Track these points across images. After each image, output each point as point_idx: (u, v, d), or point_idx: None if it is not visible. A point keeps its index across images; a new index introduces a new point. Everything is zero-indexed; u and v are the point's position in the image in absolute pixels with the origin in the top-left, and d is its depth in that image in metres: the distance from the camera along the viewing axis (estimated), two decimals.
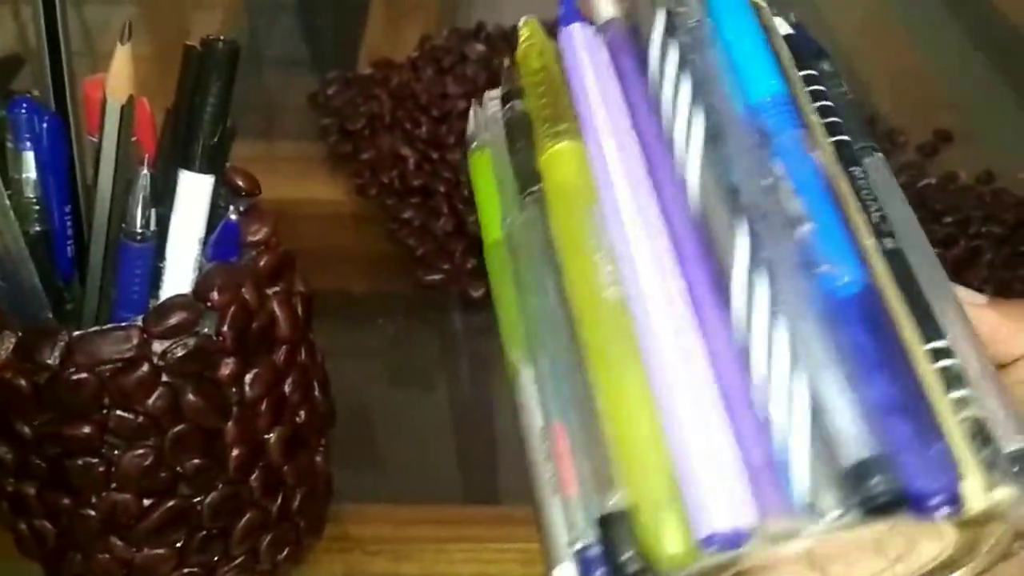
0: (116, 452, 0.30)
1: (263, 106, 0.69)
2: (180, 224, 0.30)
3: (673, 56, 0.21)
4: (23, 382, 0.28)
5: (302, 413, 0.34)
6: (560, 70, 0.23)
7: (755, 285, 0.17)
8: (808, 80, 0.23)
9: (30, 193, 0.31)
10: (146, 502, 0.31)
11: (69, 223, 0.32)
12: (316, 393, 0.35)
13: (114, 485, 0.30)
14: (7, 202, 0.28)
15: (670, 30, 0.21)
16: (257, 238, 0.32)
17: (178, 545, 0.32)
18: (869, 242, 0.19)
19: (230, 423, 0.31)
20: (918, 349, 0.18)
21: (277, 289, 0.32)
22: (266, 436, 0.33)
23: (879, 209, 0.20)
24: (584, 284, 0.19)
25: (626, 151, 0.20)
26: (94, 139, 0.31)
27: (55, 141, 0.31)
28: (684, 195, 0.19)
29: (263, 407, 0.32)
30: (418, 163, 0.57)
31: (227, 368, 0.30)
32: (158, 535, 0.31)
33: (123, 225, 0.30)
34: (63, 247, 0.32)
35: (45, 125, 0.31)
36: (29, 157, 0.31)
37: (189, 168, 0.30)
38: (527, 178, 0.22)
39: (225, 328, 0.29)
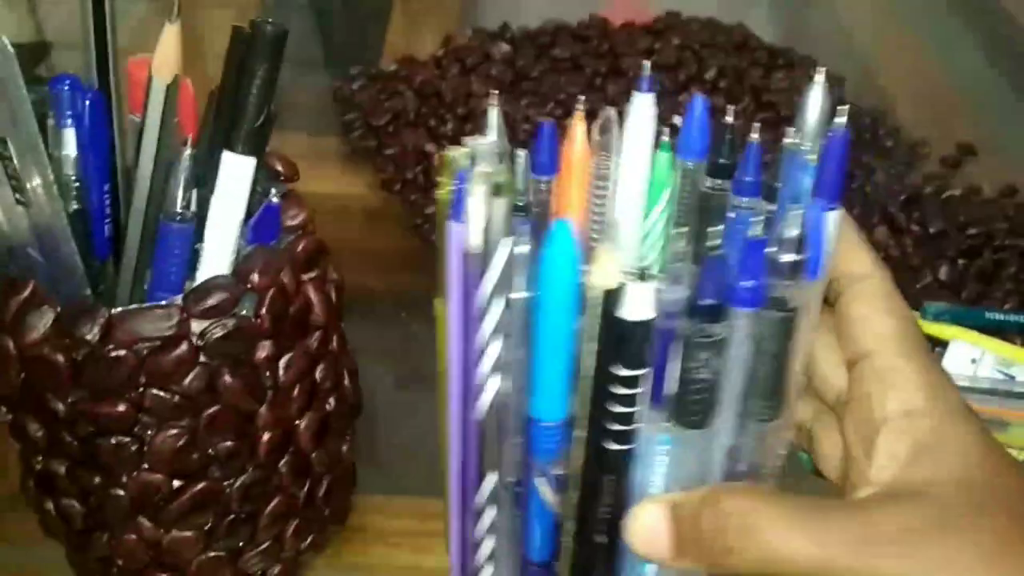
0: (149, 432, 0.30)
1: (283, 102, 0.69)
2: (221, 206, 0.30)
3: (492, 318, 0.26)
4: (60, 358, 0.28)
5: (332, 401, 0.34)
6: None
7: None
8: None
9: (69, 171, 0.31)
10: (176, 483, 0.31)
11: (107, 203, 0.32)
12: (346, 382, 0.35)
13: (146, 465, 0.30)
14: (51, 177, 0.28)
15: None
16: (295, 223, 0.32)
17: (205, 528, 0.32)
18: None
19: (263, 407, 0.31)
20: None
21: (313, 275, 0.32)
22: (297, 422, 0.33)
23: None
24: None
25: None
26: (136, 119, 0.32)
27: (97, 119, 0.31)
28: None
29: (296, 393, 0.32)
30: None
31: (263, 351, 0.30)
32: (187, 517, 0.31)
33: (163, 205, 0.30)
34: (100, 227, 0.32)
35: (88, 103, 0.31)
36: (70, 134, 0.31)
37: (232, 150, 0.29)
38: None
39: (263, 311, 0.29)
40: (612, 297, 0.25)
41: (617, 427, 0.26)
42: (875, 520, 0.23)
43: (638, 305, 0.24)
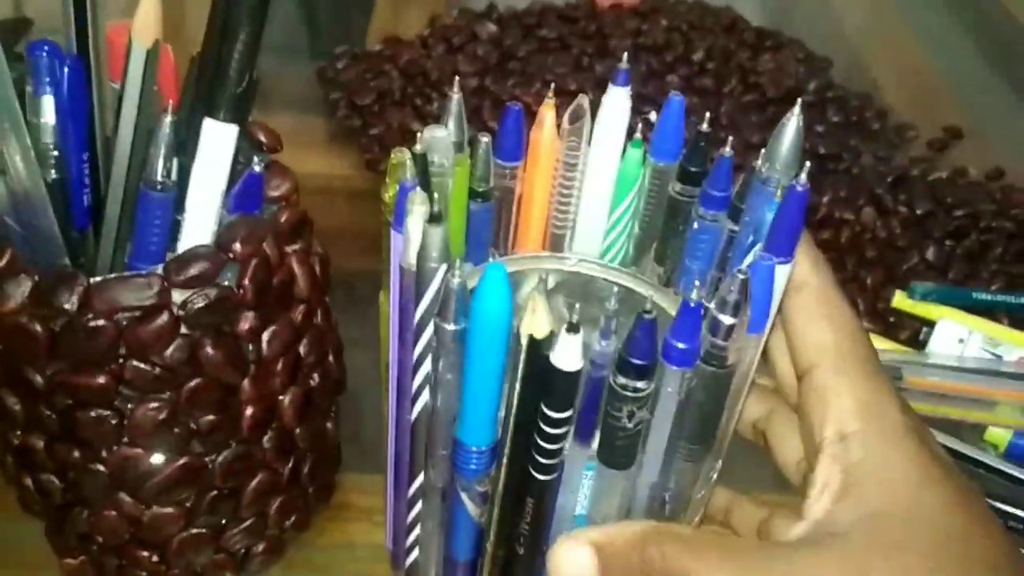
0: (130, 405, 0.29)
1: (268, 83, 0.68)
2: (202, 174, 0.29)
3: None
4: (38, 327, 0.27)
5: (315, 376, 0.34)
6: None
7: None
8: None
9: (48, 139, 0.30)
10: (158, 459, 0.30)
11: (87, 172, 0.31)
12: (330, 358, 0.35)
13: (126, 439, 0.30)
14: (28, 143, 0.27)
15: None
16: (278, 193, 0.31)
17: (187, 504, 0.32)
18: None
19: (246, 381, 0.30)
20: None
21: (296, 247, 0.32)
22: (280, 397, 0.32)
23: None
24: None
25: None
26: (115, 86, 0.31)
27: (76, 86, 0.30)
28: None
29: (279, 367, 0.31)
30: None
31: (246, 322, 0.29)
32: (168, 493, 0.31)
33: (144, 174, 0.29)
34: (79, 197, 0.31)
35: (67, 69, 0.30)
36: (48, 102, 0.30)
37: (214, 117, 0.29)
38: None
39: (246, 281, 0.29)
40: (541, 343, 0.24)
41: (542, 460, 0.26)
42: (796, 571, 0.23)
43: (568, 354, 0.24)
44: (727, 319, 0.25)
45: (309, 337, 0.33)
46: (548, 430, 0.26)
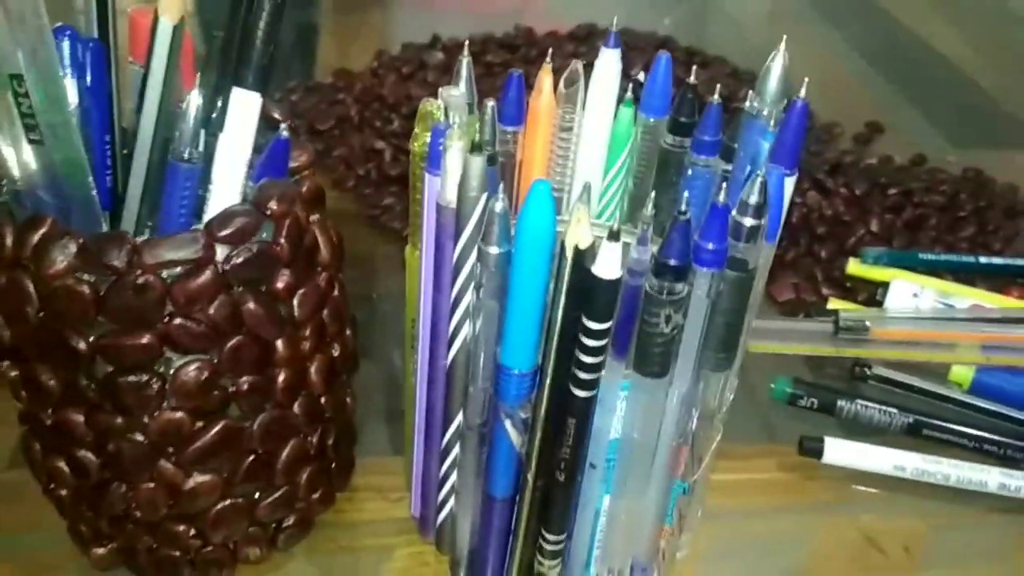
0: (172, 369, 0.30)
1: None
2: (230, 142, 0.31)
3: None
4: (85, 289, 0.28)
5: (336, 347, 0.35)
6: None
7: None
8: None
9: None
10: (197, 424, 0.31)
11: (108, 155, 0.32)
12: (347, 331, 0.36)
13: (166, 404, 0.30)
14: (70, 110, 0.28)
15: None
16: (297, 164, 0.33)
17: (225, 473, 0.32)
18: None
19: (279, 342, 0.31)
20: None
21: (316, 217, 0.33)
22: (308, 363, 0.33)
23: None
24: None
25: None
26: (136, 67, 0.32)
27: (98, 69, 0.31)
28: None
29: (308, 331, 0.32)
30: (394, 155, 0.58)
31: (283, 280, 0.31)
32: (208, 458, 0.31)
33: (171, 148, 0.31)
34: (101, 179, 0.32)
35: (89, 53, 0.31)
36: (71, 85, 0.31)
37: (242, 85, 0.30)
38: None
39: (282, 239, 0.30)
40: (584, 255, 0.26)
41: (583, 375, 0.28)
42: None
43: (609, 263, 0.26)
44: (750, 220, 0.27)
45: (330, 307, 0.34)
46: (589, 342, 0.27)
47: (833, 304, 0.49)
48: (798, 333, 0.47)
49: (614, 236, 0.26)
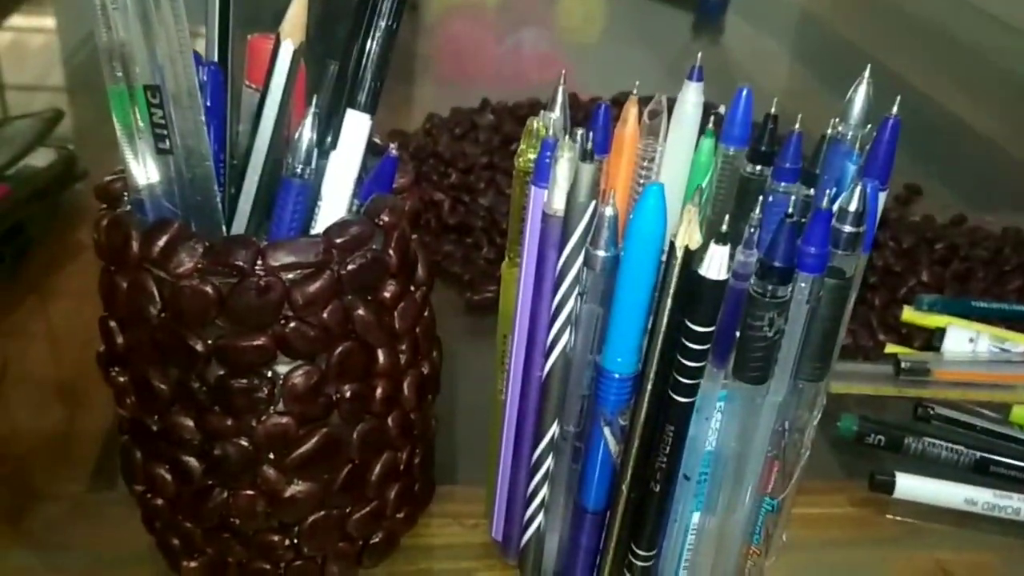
0: (282, 373, 0.30)
1: None
2: (340, 161, 0.32)
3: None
4: (209, 289, 0.29)
5: (426, 365, 0.36)
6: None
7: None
8: None
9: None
10: (301, 431, 0.31)
11: (222, 174, 0.34)
12: (434, 352, 0.37)
13: (274, 408, 0.31)
14: (203, 119, 0.30)
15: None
16: (402, 183, 0.34)
17: (325, 478, 0.32)
18: None
19: (380, 352, 0.32)
20: None
21: (415, 237, 0.34)
22: (403, 377, 0.34)
23: None
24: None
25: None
26: (252, 89, 0.34)
27: (216, 91, 0.33)
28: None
29: (405, 345, 0.33)
30: (452, 206, 0.60)
31: (390, 290, 0.32)
32: (311, 465, 0.32)
33: (285, 164, 0.32)
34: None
35: (207, 77, 0.33)
36: None
37: (354, 107, 0.32)
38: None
39: (391, 249, 0.31)
40: (692, 257, 0.27)
41: (684, 380, 0.29)
42: None
43: (716, 265, 0.27)
44: (849, 228, 0.29)
45: (423, 325, 0.35)
46: (691, 346, 0.28)
47: (890, 349, 0.50)
48: (859, 375, 0.48)
49: (722, 239, 0.28)
